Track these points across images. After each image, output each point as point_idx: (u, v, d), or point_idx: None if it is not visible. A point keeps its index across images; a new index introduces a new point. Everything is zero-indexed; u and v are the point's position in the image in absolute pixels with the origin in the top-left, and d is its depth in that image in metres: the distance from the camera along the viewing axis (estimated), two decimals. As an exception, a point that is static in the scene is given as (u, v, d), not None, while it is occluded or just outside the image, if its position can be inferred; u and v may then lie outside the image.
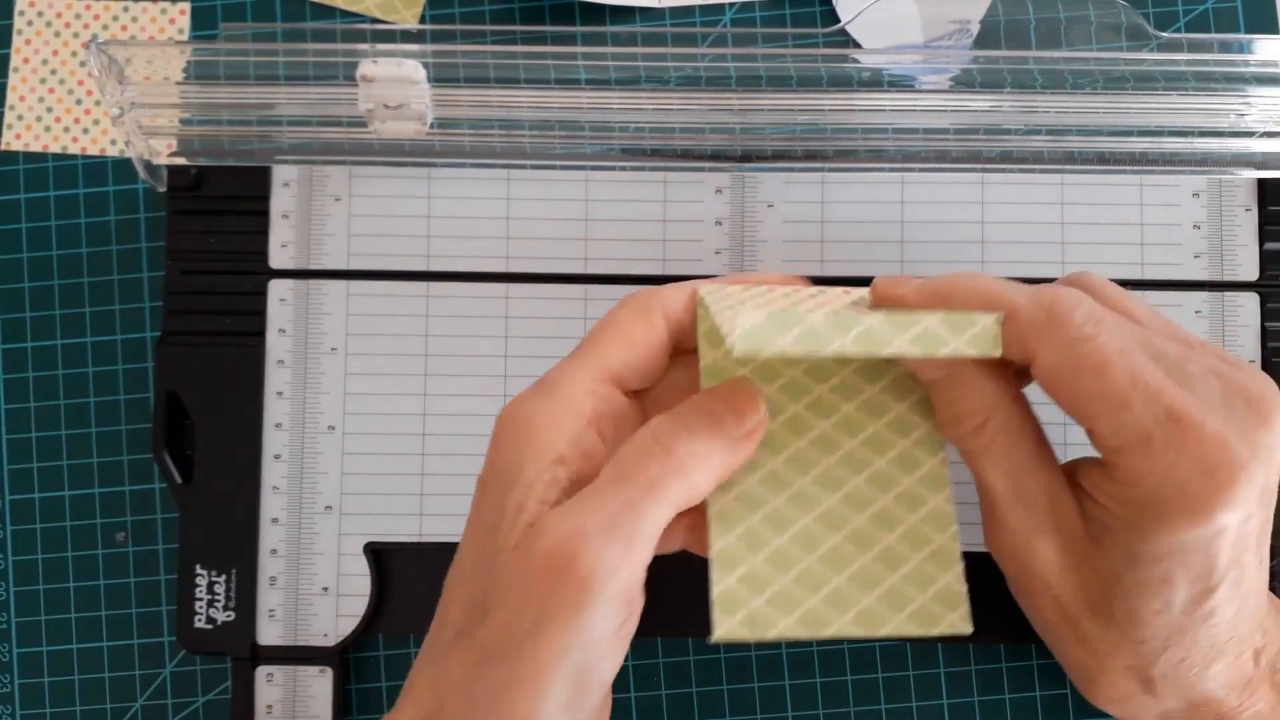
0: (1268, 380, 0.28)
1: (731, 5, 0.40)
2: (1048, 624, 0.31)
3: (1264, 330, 0.37)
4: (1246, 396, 0.28)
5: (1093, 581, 0.29)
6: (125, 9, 0.41)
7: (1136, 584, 0.28)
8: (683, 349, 0.30)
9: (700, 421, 0.27)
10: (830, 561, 0.28)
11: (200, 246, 0.38)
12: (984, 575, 0.37)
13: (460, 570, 0.28)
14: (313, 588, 0.37)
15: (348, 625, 0.37)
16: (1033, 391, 0.31)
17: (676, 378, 0.30)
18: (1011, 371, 0.31)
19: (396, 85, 0.35)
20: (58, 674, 0.39)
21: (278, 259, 0.38)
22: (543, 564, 0.25)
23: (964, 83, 0.36)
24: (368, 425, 0.38)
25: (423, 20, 0.40)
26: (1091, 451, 0.29)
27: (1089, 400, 0.28)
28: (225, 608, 0.37)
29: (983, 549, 0.37)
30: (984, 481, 0.30)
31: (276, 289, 0.38)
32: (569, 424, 0.28)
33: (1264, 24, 0.40)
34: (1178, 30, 0.40)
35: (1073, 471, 0.31)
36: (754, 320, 0.25)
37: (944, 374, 0.30)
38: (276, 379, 0.38)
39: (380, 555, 0.38)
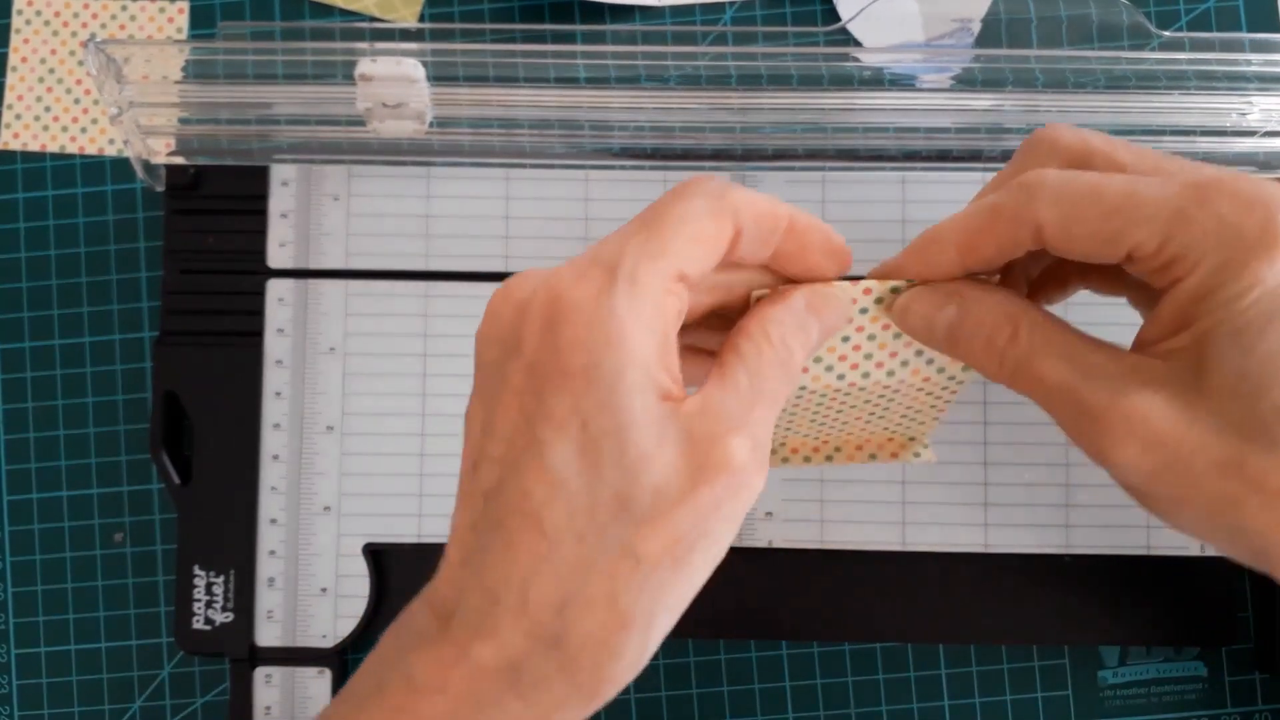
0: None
1: (732, 4, 0.40)
2: (1212, 503, 0.27)
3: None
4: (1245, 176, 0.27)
5: (1226, 409, 0.26)
6: (124, 8, 0.41)
7: (1264, 357, 0.26)
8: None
9: (801, 333, 0.28)
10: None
11: (198, 246, 0.38)
12: (985, 576, 0.37)
13: (556, 461, 0.25)
14: (311, 589, 0.37)
15: (346, 626, 0.37)
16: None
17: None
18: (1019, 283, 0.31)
19: (395, 84, 0.35)
20: (56, 675, 0.39)
21: (276, 258, 0.38)
22: (738, 475, 0.25)
23: (965, 81, 0.36)
24: (366, 426, 0.37)
25: (422, 19, 0.40)
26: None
27: (1107, 220, 0.27)
28: (223, 609, 0.37)
29: (982, 550, 0.37)
30: (1048, 380, 0.28)
31: (275, 289, 0.38)
32: (661, 327, 0.25)
33: (1266, 23, 0.40)
34: (1179, 29, 0.40)
35: (1134, 350, 0.29)
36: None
37: (955, 314, 0.29)
38: (275, 379, 0.38)
39: (379, 556, 0.37)
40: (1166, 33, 0.38)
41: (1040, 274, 0.32)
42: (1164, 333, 0.28)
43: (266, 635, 0.37)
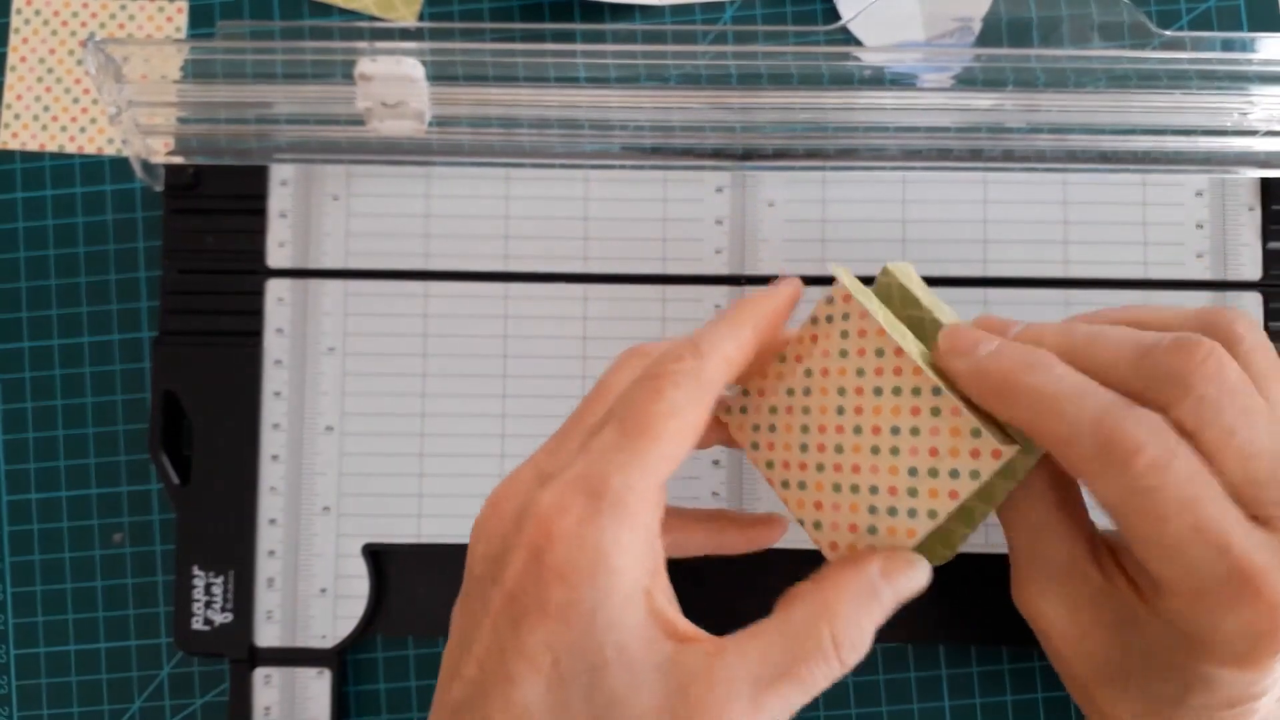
0: None
1: (732, 3, 0.40)
2: (1065, 680, 0.31)
3: (1267, 331, 0.37)
4: None
5: (1111, 651, 0.28)
6: (123, 7, 0.41)
7: (1168, 668, 0.27)
8: None
9: (871, 619, 0.27)
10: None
11: (197, 246, 0.38)
12: (986, 577, 0.37)
13: (524, 697, 0.24)
14: (311, 589, 0.37)
15: (346, 627, 0.37)
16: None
17: None
18: None
19: (395, 83, 0.35)
20: (55, 675, 0.39)
21: (275, 258, 0.38)
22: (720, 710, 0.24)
23: (966, 81, 0.36)
24: (366, 426, 0.37)
25: (421, 18, 0.40)
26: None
27: (1143, 544, 0.26)
28: (223, 609, 0.37)
29: (982, 550, 0.37)
30: (1007, 537, 0.31)
31: (274, 288, 0.38)
32: (646, 549, 0.25)
33: (1267, 22, 0.40)
34: (1180, 28, 0.40)
35: (1118, 547, 0.30)
36: None
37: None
38: (274, 379, 0.38)
39: (378, 556, 0.37)
40: (1167, 32, 0.38)
41: None
42: (1123, 582, 0.29)
43: (266, 635, 0.37)
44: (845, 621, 0.25)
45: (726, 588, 0.37)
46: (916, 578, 0.27)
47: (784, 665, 0.24)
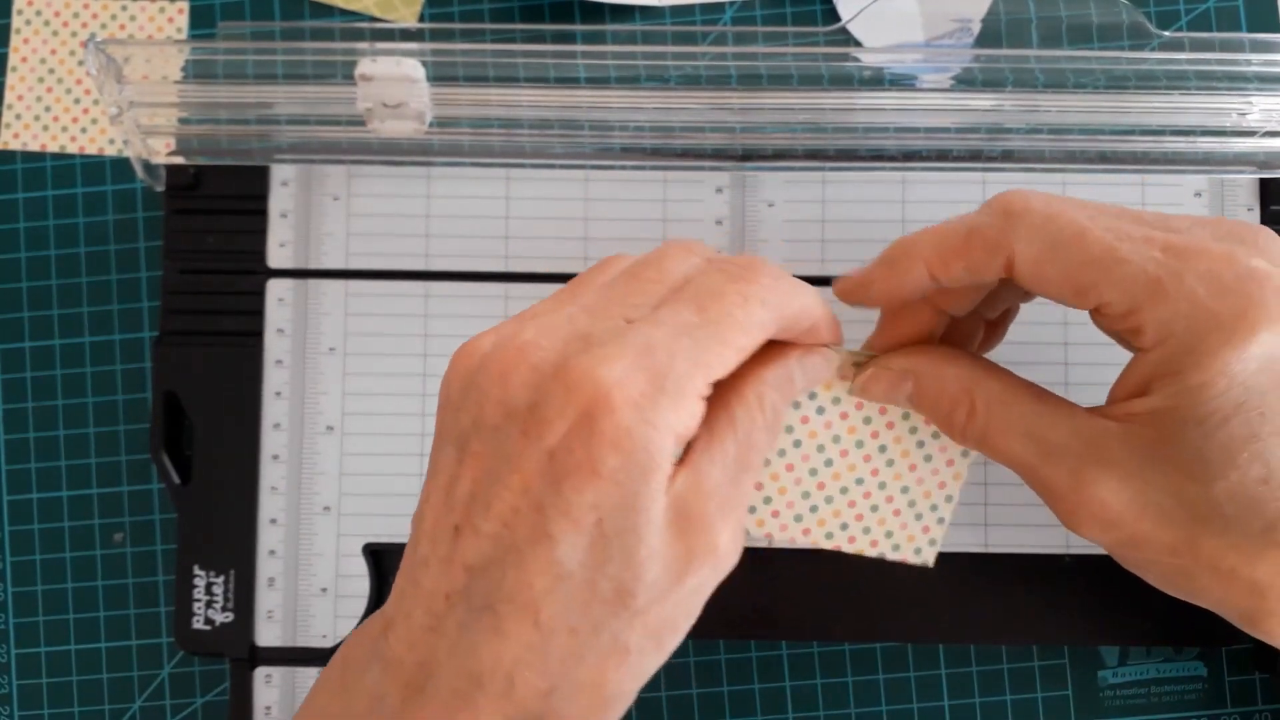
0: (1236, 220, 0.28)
1: (732, 4, 0.40)
2: (1168, 574, 0.28)
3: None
4: (1226, 227, 0.27)
5: (1183, 489, 0.26)
6: (124, 8, 0.41)
7: (1223, 444, 0.26)
8: None
9: (790, 393, 0.28)
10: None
11: (198, 246, 0.38)
12: (985, 576, 0.37)
13: (564, 555, 0.24)
14: (311, 589, 0.37)
15: (347, 626, 0.37)
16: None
17: None
18: (972, 355, 0.31)
19: (395, 84, 0.35)
20: (55, 675, 0.39)
21: (276, 258, 0.38)
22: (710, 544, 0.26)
23: (965, 81, 0.36)
24: (366, 426, 0.37)
25: (422, 19, 0.40)
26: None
27: (1083, 270, 0.26)
28: (223, 609, 0.37)
29: (982, 550, 0.37)
30: (1010, 457, 0.28)
31: (275, 289, 0.38)
32: (687, 430, 0.25)
33: (1266, 23, 0.40)
34: (1179, 29, 0.40)
35: (1099, 411, 0.28)
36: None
37: (911, 390, 0.29)
38: (275, 379, 0.38)
39: (379, 556, 0.37)
40: (1166, 33, 0.38)
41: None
42: (1128, 393, 0.28)
43: (266, 635, 0.37)
44: (775, 392, 0.27)
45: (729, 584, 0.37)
46: (824, 369, 0.29)
47: (743, 458, 0.26)
